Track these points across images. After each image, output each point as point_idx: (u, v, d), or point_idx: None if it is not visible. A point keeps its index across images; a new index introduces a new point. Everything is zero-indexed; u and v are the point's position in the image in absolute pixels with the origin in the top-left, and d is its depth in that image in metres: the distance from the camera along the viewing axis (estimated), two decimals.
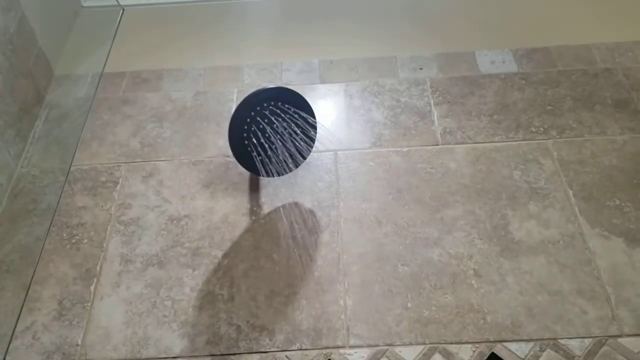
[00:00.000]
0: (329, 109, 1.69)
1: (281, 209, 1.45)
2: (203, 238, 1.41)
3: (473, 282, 1.29)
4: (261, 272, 1.33)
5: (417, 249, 1.36)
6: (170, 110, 1.71)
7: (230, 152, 1.42)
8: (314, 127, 1.45)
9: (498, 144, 1.56)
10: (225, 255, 1.37)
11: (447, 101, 1.68)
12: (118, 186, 1.53)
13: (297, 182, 1.50)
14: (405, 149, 1.57)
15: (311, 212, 1.44)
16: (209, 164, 1.56)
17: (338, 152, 1.57)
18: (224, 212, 1.46)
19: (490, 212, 1.42)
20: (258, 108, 1.38)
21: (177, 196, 1.50)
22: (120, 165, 1.58)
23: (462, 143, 1.57)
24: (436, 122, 1.63)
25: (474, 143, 1.57)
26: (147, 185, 1.53)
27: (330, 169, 1.53)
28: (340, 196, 1.47)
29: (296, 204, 1.46)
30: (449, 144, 1.57)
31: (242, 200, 1.48)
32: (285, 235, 1.40)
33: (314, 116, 1.45)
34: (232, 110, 1.36)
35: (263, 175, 1.46)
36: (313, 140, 1.47)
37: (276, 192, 1.49)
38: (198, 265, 1.36)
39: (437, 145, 1.57)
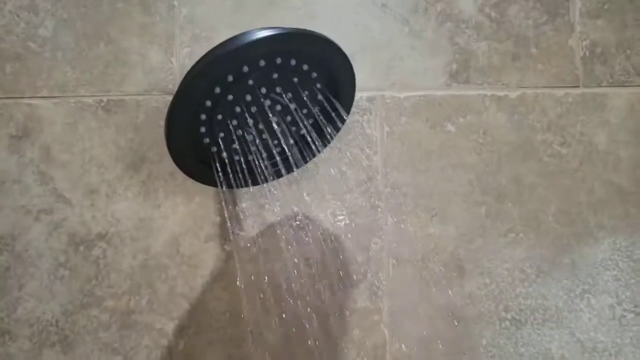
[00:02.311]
0: None
1: (278, 227, 0.78)
2: (137, 289, 0.77)
3: None
4: None
5: (524, 330, 0.76)
6: None
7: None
8: (341, 117, 0.69)
9: None
10: (179, 331, 0.76)
11: None
12: None
13: (306, 168, 0.79)
14: (515, 93, 0.82)
15: (334, 238, 0.78)
16: (135, 108, 0.81)
17: (384, 94, 0.82)
18: (171, 230, 0.78)
19: None
20: (245, 70, 0.60)
21: (80, 187, 0.79)
22: None
23: (622, 84, 0.82)
24: (577, 28, 0.84)
25: None
26: (20, 159, 0.80)
27: (369, 136, 0.80)
28: (387, 203, 0.79)
29: (306, 217, 0.79)
30: (599, 84, 0.82)
31: (205, 204, 0.79)
32: (286, 289, 0.77)
33: (350, 93, 0.68)
34: (187, 70, 0.58)
35: (222, 187, 0.74)
36: (331, 136, 0.72)
37: (269, 188, 0.79)
38: (133, 352, 0.76)
39: (577, 86, 0.82)
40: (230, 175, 0.69)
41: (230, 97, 0.62)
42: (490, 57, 0.82)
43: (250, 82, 0.61)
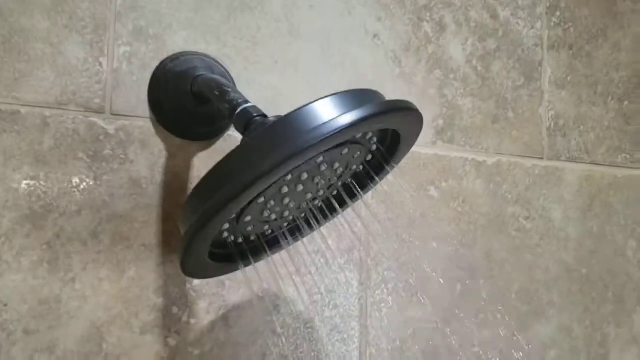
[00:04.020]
0: (354, 26, 0.69)
1: (242, 312, 0.59)
2: None
3: None
4: None
5: None
6: None
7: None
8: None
9: (619, 172, 0.86)
10: None
11: (568, 43, 0.83)
12: None
13: None
14: (492, 160, 0.75)
15: (309, 324, 0.63)
16: (39, 128, 0.52)
17: None
18: (92, 317, 0.53)
19: (589, 332, 0.81)
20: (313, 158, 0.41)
21: None
22: None
23: (575, 160, 0.82)
24: (545, 97, 0.80)
25: (590, 164, 0.83)
26: None
27: None
28: (369, 279, 0.66)
29: (277, 298, 0.61)
30: (559, 158, 0.81)
31: (142, 280, 0.55)
32: None
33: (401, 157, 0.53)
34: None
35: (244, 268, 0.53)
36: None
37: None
38: None
39: (541, 158, 0.79)
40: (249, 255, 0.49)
41: (289, 176, 0.42)
42: (473, 117, 0.74)
43: (320, 159, 0.42)
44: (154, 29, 0.58)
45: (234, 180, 0.36)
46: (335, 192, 0.52)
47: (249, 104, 0.49)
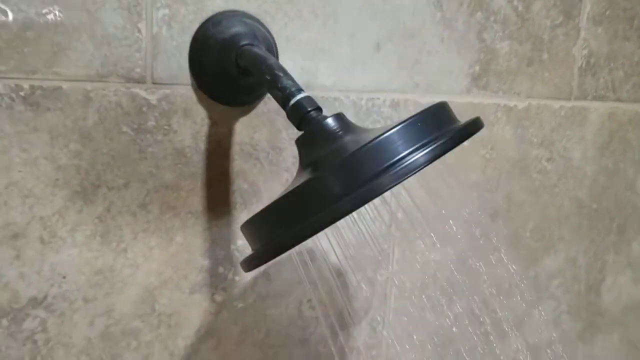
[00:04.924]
0: None
1: (280, 266, 0.62)
2: None
3: None
4: None
5: (492, 341, 0.79)
6: None
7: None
8: None
9: None
10: None
11: None
12: None
13: None
14: (522, 104, 0.75)
15: (342, 272, 0.66)
16: (83, 103, 0.50)
17: (408, 98, 0.66)
18: (144, 282, 0.56)
19: (591, 261, 0.87)
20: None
21: None
22: None
23: (601, 98, 0.82)
24: (581, 35, 0.78)
25: (615, 101, 0.83)
26: None
27: None
28: (398, 229, 0.69)
29: (312, 251, 0.64)
30: (585, 98, 0.80)
31: (190, 245, 0.57)
32: (285, 337, 0.64)
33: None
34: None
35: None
36: None
37: None
38: None
39: (569, 99, 0.79)
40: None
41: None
42: (509, 60, 0.72)
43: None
44: None
45: (312, 218, 0.37)
46: None
47: (302, 95, 0.47)
